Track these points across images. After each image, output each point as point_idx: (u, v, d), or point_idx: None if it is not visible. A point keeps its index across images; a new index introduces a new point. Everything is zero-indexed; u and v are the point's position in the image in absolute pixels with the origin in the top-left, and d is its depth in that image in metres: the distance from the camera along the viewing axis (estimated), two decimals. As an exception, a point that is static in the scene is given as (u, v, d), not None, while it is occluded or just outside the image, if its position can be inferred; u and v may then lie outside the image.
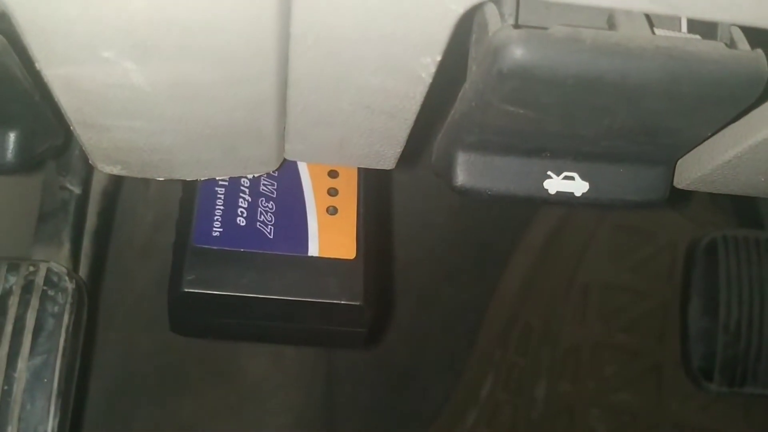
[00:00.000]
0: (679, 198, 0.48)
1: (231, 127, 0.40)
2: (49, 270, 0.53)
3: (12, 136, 0.41)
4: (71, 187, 0.59)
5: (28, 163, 0.43)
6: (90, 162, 0.44)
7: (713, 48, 0.35)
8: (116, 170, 0.44)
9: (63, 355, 0.51)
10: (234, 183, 0.52)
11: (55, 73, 0.34)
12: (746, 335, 0.79)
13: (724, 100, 0.36)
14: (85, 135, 0.40)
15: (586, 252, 1.04)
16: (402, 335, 1.00)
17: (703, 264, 0.81)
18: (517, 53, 0.33)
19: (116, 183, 0.66)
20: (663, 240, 1.04)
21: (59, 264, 0.54)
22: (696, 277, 0.81)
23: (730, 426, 1.01)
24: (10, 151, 0.41)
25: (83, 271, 0.60)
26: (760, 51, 0.35)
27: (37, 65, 0.34)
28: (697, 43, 0.35)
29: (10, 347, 0.50)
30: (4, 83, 0.37)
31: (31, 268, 0.53)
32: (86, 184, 0.60)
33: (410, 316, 1.01)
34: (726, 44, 0.35)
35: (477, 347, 1.05)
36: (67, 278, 0.53)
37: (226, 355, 0.91)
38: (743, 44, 0.36)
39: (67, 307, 0.52)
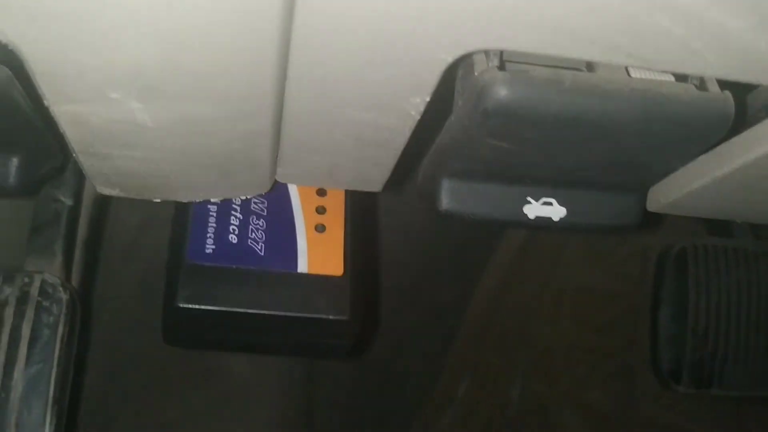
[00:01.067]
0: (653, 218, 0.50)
1: (228, 156, 0.41)
2: (43, 281, 0.54)
3: (14, 161, 0.43)
4: (63, 199, 0.59)
5: (29, 185, 0.44)
6: (92, 184, 0.45)
7: (684, 90, 0.37)
8: (115, 192, 0.45)
9: (58, 363, 0.52)
10: (226, 201, 0.54)
11: (63, 109, 0.35)
12: (713, 340, 0.82)
13: (694, 137, 0.38)
14: (87, 162, 0.41)
15: (560, 255, 1.06)
16: (382, 336, 1.02)
17: (674, 272, 0.83)
18: (501, 93, 0.35)
19: (106, 192, 0.67)
20: (635, 244, 1.06)
21: (53, 275, 0.55)
22: (666, 285, 0.84)
23: (697, 424, 1.04)
24: (12, 175, 0.43)
25: (75, 280, 0.60)
26: (728, 93, 0.37)
27: (45, 102, 0.35)
28: (669, 85, 0.37)
29: (7, 357, 0.51)
30: (8, 112, 0.38)
31: (26, 280, 0.54)
32: (78, 196, 0.60)
33: (391, 317, 1.03)
34: (696, 86, 0.38)
35: (454, 348, 1.07)
36: (61, 289, 0.54)
37: (209, 356, 0.92)
38: (713, 85, 0.38)
39: (62, 317, 0.53)
